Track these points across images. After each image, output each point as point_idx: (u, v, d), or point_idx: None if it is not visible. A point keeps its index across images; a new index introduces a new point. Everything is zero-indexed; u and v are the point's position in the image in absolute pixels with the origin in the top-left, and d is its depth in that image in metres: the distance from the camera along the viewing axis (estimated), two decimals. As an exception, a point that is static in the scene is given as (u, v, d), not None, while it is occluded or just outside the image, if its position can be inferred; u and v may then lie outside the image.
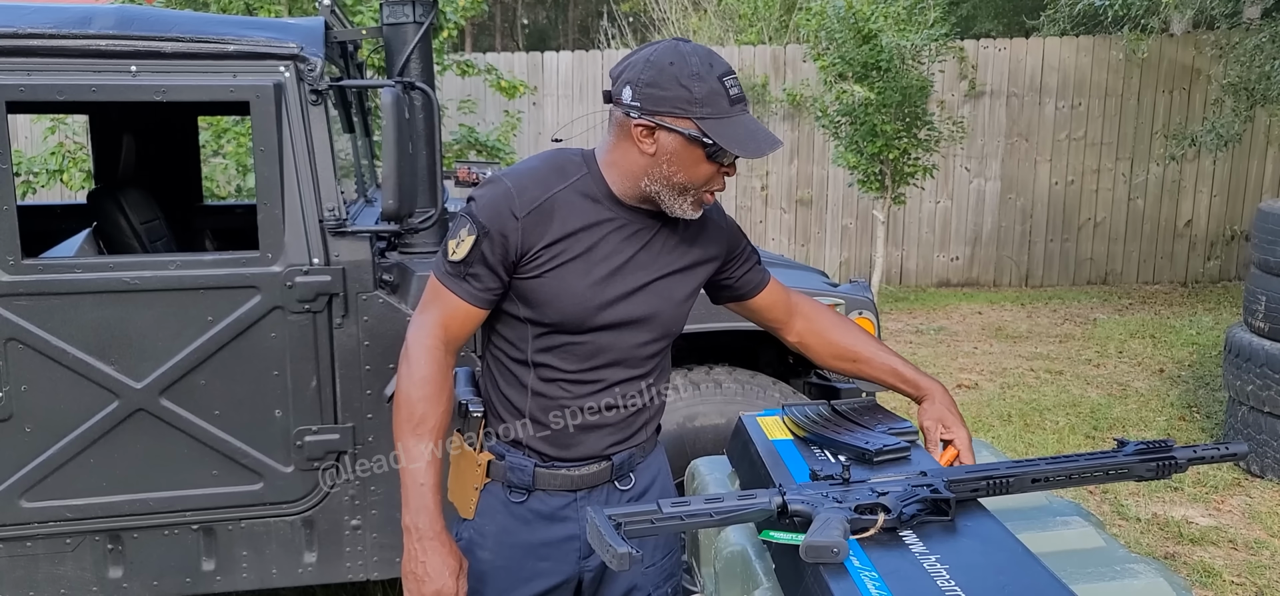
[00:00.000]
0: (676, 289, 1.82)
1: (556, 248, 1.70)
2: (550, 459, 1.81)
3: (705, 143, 1.64)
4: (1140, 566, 1.54)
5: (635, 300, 1.76)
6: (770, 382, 3.20)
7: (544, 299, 1.72)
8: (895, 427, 1.90)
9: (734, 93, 1.65)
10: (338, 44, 3.28)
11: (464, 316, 1.76)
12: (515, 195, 1.69)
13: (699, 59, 1.64)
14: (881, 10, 7.50)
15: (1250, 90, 7.96)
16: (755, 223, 9.76)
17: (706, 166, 1.67)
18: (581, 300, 1.72)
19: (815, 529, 1.43)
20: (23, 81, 2.59)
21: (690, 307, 1.87)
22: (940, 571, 1.37)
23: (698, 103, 1.62)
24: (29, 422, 2.68)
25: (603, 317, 1.74)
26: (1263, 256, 4.58)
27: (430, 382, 1.72)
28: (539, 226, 1.69)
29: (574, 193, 1.73)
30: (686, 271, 1.83)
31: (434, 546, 1.69)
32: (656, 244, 1.79)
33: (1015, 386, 6.27)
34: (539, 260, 1.70)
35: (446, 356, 1.79)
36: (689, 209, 1.72)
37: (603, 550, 1.38)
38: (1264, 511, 4.27)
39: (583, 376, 1.78)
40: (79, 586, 2.80)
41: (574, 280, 1.71)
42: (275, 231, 2.75)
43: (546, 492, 1.81)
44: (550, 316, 1.73)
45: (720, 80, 1.64)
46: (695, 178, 1.68)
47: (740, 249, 1.95)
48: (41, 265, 2.68)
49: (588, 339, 1.75)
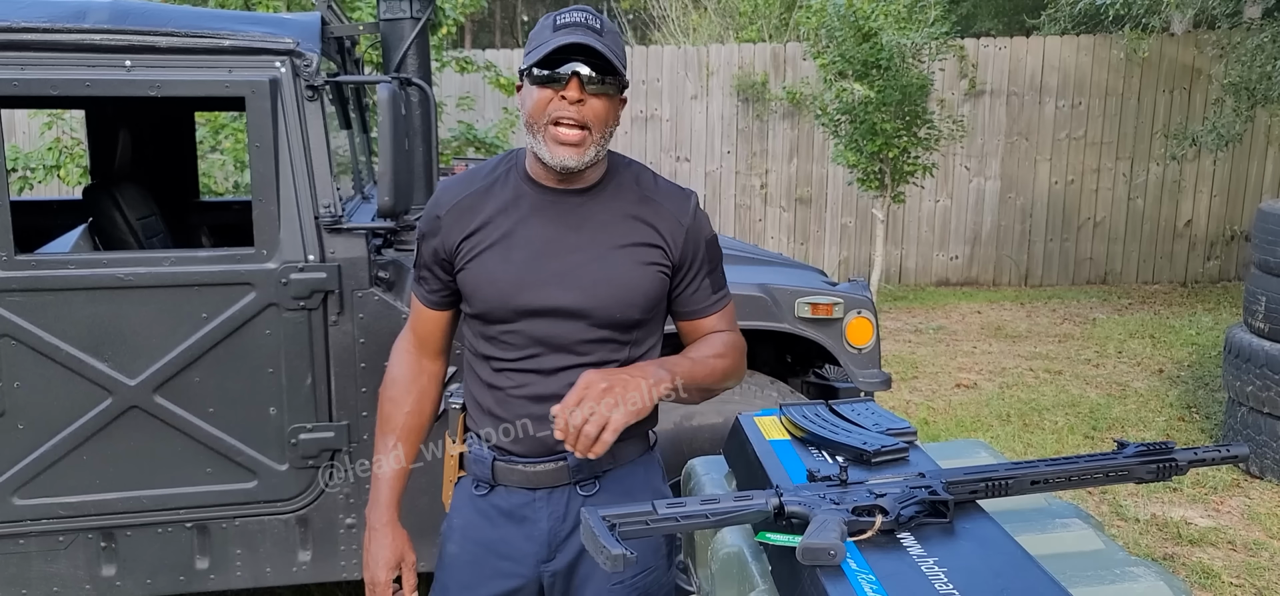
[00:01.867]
0: (617, 272, 1.72)
1: (476, 237, 1.75)
2: (507, 453, 1.79)
3: (522, 71, 1.67)
4: (1140, 569, 1.52)
5: (563, 285, 1.71)
6: (768, 382, 3.18)
7: (471, 289, 1.76)
8: (893, 428, 1.88)
9: (562, 22, 1.65)
10: (334, 39, 3.27)
11: (426, 319, 1.86)
12: (442, 196, 1.80)
13: (553, 15, 1.69)
14: (882, 8, 7.48)
15: (1251, 90, 7.94)
16: (755, 221, 9.75)
17: (537, 94, 1.65)
18: (500, 285, 1.72)
19: (812, 530, 1.41)
20: (16, 76, 2.58)
21: (647, 292, 1.74)
22: (938, 574, 1.36)
23: (527, 48, 1.68)
24: (22, 419, 2.67)
25: (526, 301, 1.71)
26: (1263, 257, 4.57)
27: (397, 384, 1.88)
28: (460, 221, 1.76)
29: (498, 183, 1.78)
30: (626, 252, 1.73)
31: (375, 536, 1.84)
32: (586, 222, 1.73)
33: (1014, 386, 6.26)
34: (462, 253, 1.76)
35: (420, 358, 1.90)
36: (546, 147, 1.66)
37: (596, 551, 1.36)
38: (1263, 512, 4.25)
39: (525, 365, 1.75)
40: (72, 584, 2.78)
41: (493, 267, 1.73)
42: (270, 228, 2.73)
43: (507, 488, 1.80)
44: (477, 306, 1.76)
45: (553, 17, 1.66)
46: (533, 110, 1.66)
47: (699, 262, 1.81)
48: (35, 261, 2.66)
49: (518, 327, 1.74)
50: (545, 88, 1.64)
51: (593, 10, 1.69)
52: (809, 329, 3.21)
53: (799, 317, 3.19)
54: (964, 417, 5.61)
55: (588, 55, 1.63)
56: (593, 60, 1.64)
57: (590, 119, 1.65)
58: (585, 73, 1.63)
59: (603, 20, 1.68)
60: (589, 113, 1.65)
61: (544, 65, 1.63)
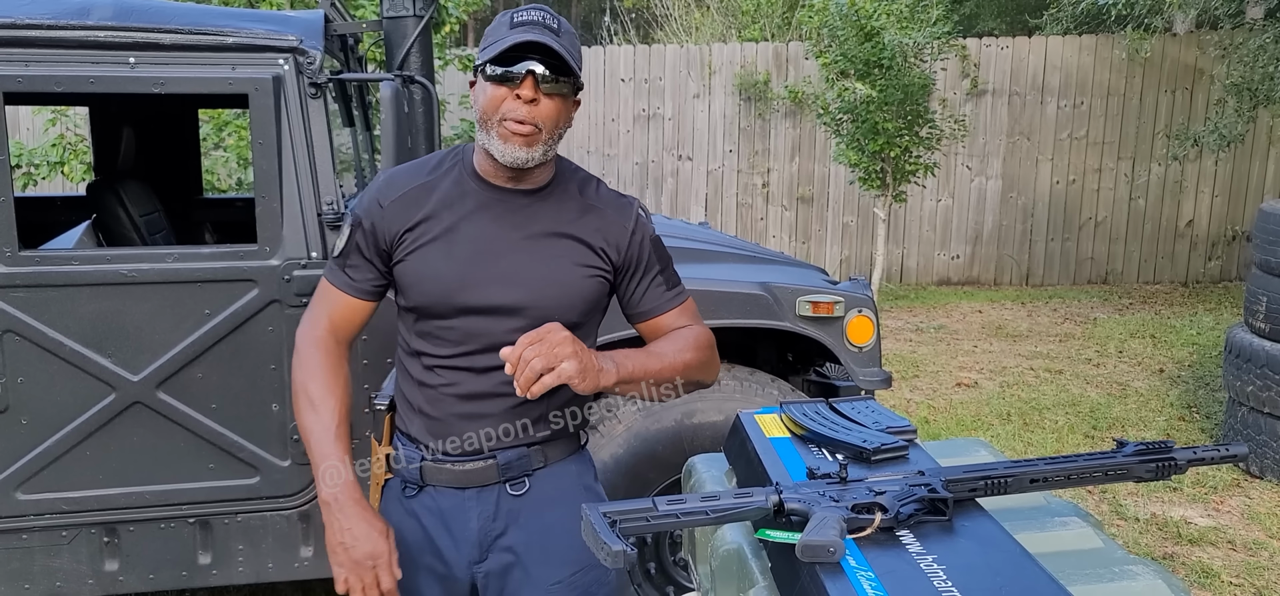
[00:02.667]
0: (556, 273, 1.73)
1: (418, 230, 1.73)
2: (436, 453, 1.78)
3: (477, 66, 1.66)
4: (1138, 567, 1.53)
5: (503, 283, 1.71)
6: (769, 379, 3.19)
7: (408, 282, 1.74)
8: (893, 426, 1.89)
9: (518, 20, 1.64)
10: (338, 37, 3.27)
11: (344, 308, 1.82)
12: (385, 186, 1.78)
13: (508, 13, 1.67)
14: (884, 8, 7.49)
15: (1253, 90, 7.95)
16: (756, 219, 9.76)
17: (491, 91, 1.64)
18: (441, 280, 1.71)
19: (811, 528, 1.42)
20: (21, 72, 2.59)
21: (586, 296, 1.76)
22: (937, 571, 1.36)
23: (486, 44, 1.67)
24: (25, 414, 2.68)
25: (465, 298, 1.71)
26: (1264, 257, 4.57)
27: (322, 369, 1.77)
28: (403, 212, 1.74)
29: (443, 178, 1.77)
30: (568, 255, 1.74)
31: (356, 512, 1.70)
32: (529, 222, 1.74)
33: (1015, 385, 6.26)
34: (403, 244, 1.74)
35: (336, 348, 1.82)
36: (497, 143, 1.66)
37: (596, 547, 1.37)
38: (1263, 512, 4.26)
39: (458, 362, 1.74)
40: (75, 579, 2.80)
41: (435, 261, 1.72)
42: (273, 225, 2.74)
43: (436, 488, 1.80)
44: (414, 300, 1.74)
45: (509, 15, 1.65)
46: (487, 107, 1.66)
47: (645, 265, 1.82)
48: (39, 257, 2.68)
49: (455, 323, 1.73)
50: (500, 85, 1.64)
51: (550, 10, 1.68)
52: (810, 327, 3.22)
53: (800, 316, 3.20)
54: (964, 416, 5.62)
55: (544, 54, 1.63)
56: (548, 59, 1.63)
57: (542, 119, 1.66)
58: (540, 71, 1.63)
59: (560, 20, 1.68)
60: (542, 113, 1.65)
61: (499, 62, 1.63)
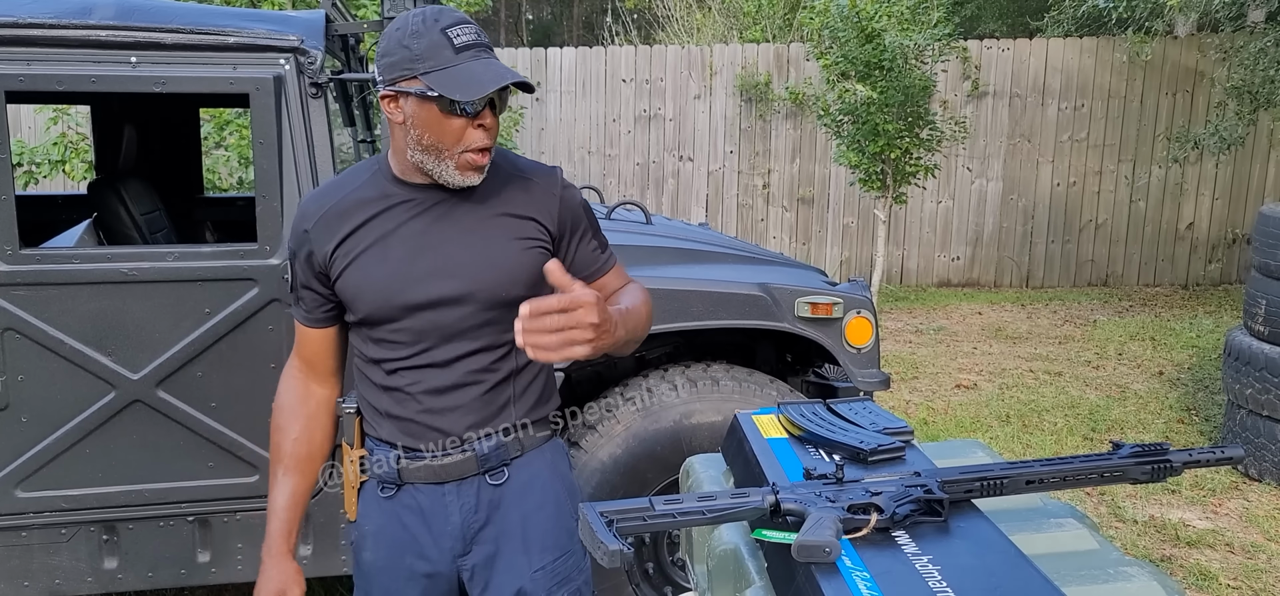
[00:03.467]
0: (496, 253, 1.74)
1: (348, 244, 1.73)
2: (412, 451, 1.79)
3: (431, 96, 1.60)
4: (1134, 569, 1.53)
5: (446, 275, 1.72)
6: (767, 380, 3.20)
7: (351, 295, 1.74)
8: (890, 427, 1.89)
9: (461, 40, 1.61)
10: (339, 37, 3.28)
11: (308, 339, 1.86)
12: (306, 210, 1.78)
13: (422, 18, 1.62)
14: (885, 9, 7.49)
15: (1254, 93, 7.95)
16: (757, 220, 9.76)
17: (450, 121, 1.62)
18: (382, 287, 1.72)
19: (807, 528, 1.42)
20: (22, 71, 2.59)
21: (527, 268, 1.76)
22: (932, 572, 1.37)
23: (419, 58, 1.60)
24: (25, 412, 2.68)
25: (409, 297, 1.72)
26: (1263, 260, 4.58)
27: (282, 411, 1.87)
28: (327, 230, 1.74)
29: (363, 189, 1.76)
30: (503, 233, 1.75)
31: (266, 566, 1.85)
32: (460, 214, 1.74)
33: (1014, 387, 6.26)
34: (336, 261, 1.74)
35: (308, 383, 1.89)
36: (454, 173, 1.66)
37: (593, 546, 1.37)
38: (1261, 515, 4.26)
39: (418, 360, 1.75)
40: (74, 576, 2.80)
41: (372, 269, 1.72)
42: (273, 224, 2.75)
43: (415, 486, 1.80)
44: (361, 311, 1.75)
45: (443, 32, 1.60)
46: (443, 137, 1.63)
47: (579, 228, 1.85)
48: (39, 255, 2.68)
49: (404, 323, 1.74)
50: (459, 117, 1.62)
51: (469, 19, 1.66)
52: (808, 328, 3.22)
53: (799, 317, 3.20)
54: (963, 418, 5.62)
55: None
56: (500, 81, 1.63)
57: (494, 136, 1.69)
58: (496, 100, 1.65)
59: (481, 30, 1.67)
60: (494, 130, 1.68)
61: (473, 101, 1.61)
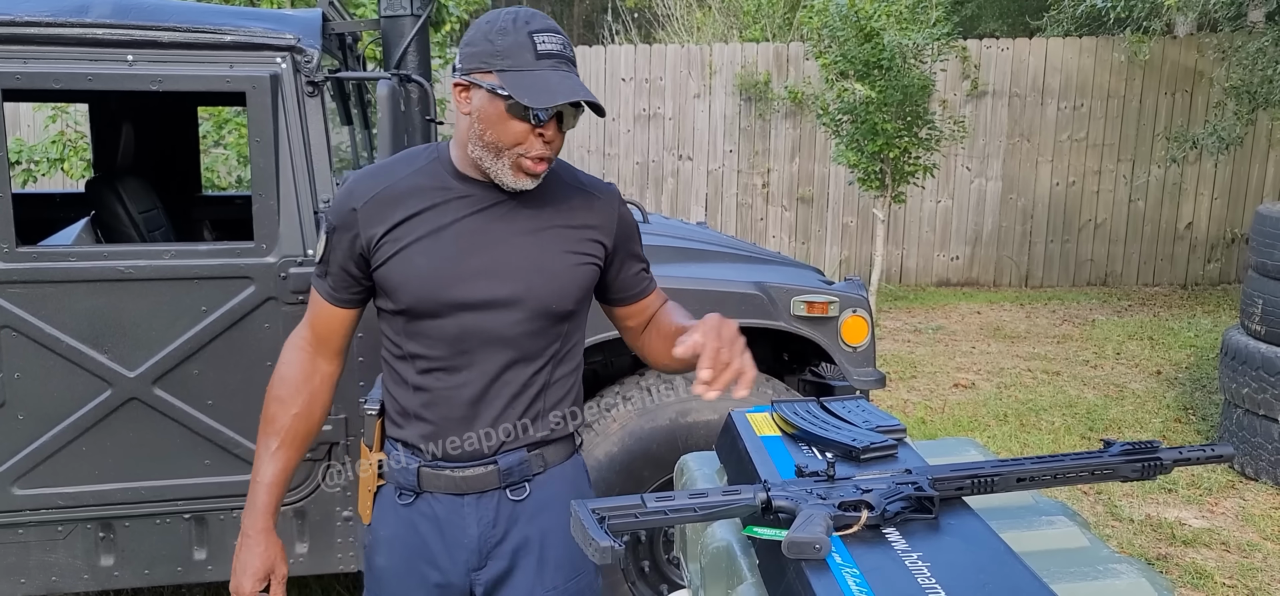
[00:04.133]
0: (549, 263, 1.72)
1: (398, 231, 1.68)
2: (435, 459, 1.75)
3: (501, 94, 1.57)
4: (1123, 566, 1.54)
5: (498, 277, 1.69)
6: (763, 379, 3.20)
7: (396, 284, 1.69)
8: (883, 425, 1.90)
9: (544, 47, 1.59)
10: (336, 36, 3.29)
11: (327, 317, 1.79)
12: (355, 189, 1.71)
13: (512, 17, 1.61)
14: (884, 9, 7.49)
15: (1252, 93, 7.96)
16: (756, 220, 9.77)
17: (514, 124, 1.59)
18: (429, 279, 1.67)
19: (798, 525, 1.43)
20: (20, 69, 2.60)
21: (580, 282, 1.75)
22: (921, 568, 1.37)
23: (499, 54, 1.59)
24: (22, 410, 2.69)
25: (457, 294, 1.68)
26: (1260, 259, 4.58)
27: (286, 383, 1.79)
28: (379, 214, 1.69)
29: (419, 176, 1.71)
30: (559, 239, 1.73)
31: (247, 543, 1.76)
32: (518, 217, 1.71)
33: (1012, 386, 6.27)
34: (384, 247, 1.68)
35: (314, 359, 1.81)
36: (508, 174, 1.64)
37: (584, 543, 1.38)
38: (1257, 514, 4.27)
39: (456, 362, 1.71)
40: (70, 574, 2.81)
41: (420, 260, 1.67)
42: (270, 222, 2.75)
43: (433, 495, 1.76)
44: (404, 301, 1.69)
45: (530, 35, 1.59)
46: (504, 136, 1.61)
47: (631, 247, 1.84)
48: (36, 253, 2.69)
49: (449, 320, 1.69)
50: (523, 122, 1.60)
51: (561, 31, 1.64)
52: (804, 327, 3.23)
53: (794, 316, 3.21)
54: (961, 417, 5.63)
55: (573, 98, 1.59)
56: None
57: (556, 152, 1.66)
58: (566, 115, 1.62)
59: (568, 41, 1.65)
60: (556, 147, 1.65)
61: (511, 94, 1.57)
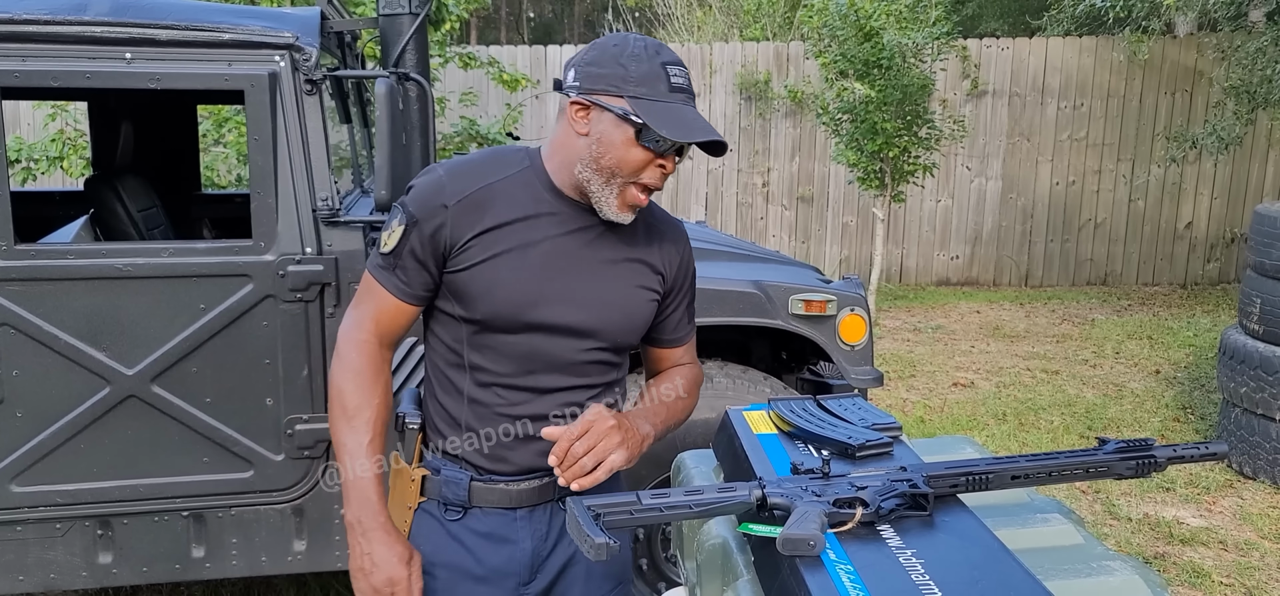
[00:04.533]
0: (624, 297, 1.72)
1: (488, 238, 1.63)
2: (487, 472, 1.72)
3: (634, 121, 1.56)
4: (1117, 563, 1.54)
5: (575, 303, 1.67)
6: (761, 377, 3.21)
7: (475, 292, 1.64)
8: (879, 423, 1.90)
9: (676, 81, 1.59)
10: (335, 34, 3.29)
11: (394, 312, 1.70)
12: (447, 184, 1.64)
13: (644, 45, 1.60)
14: (883, 8, 7.49)
15: (1252, 93, 7.95)
16: (756, 219, 9.77)
17: (637, 152, 1.58)
18: (513, 294, 1.64)
19: (793, 522, 1.43)
20: (17, 67, 2.60)
21: (646, 318, 1.77)
22: (915, 565, 1.38)
23: (633, 81, 1.57)
24: (20, 407, 2.69)
25: (536, 315, 1.65)
26: (1258, 259, 4.58)
27: (362, 374, 1.68)
28: (470, 216, 1.63)
29: (513, 184, 1.67)
30: (633, 273, 1.73)
31: (379, 537, 1.66)
32: (600, 246, 1.70)
33: (1011, 385, 6.27)
34: (470, 251, 1.63)
35: (380, 351, 1.72)
36: (615, 204, 1.63)
37: (580, 540, 1.38)
38: (1255, 513, 4.27)
39: (519, 381, 1.69)
40: (69, 571, 2.81)
41: (506, 273, 1.63)
42: (268, 220, 2.76)
43: (483, 510, 1.73)
44: (481, 311, 1.65)
45: (663, 66, 1.58)
46: (625, 163, 1.59)
47: (686, 292, 1.85)
48: (35, 250, 2.69)
49: (521, 338, 1.67)
50: (647, 151, 1.59)
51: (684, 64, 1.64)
52: (802, 326, 3.23)
53: (792, 314, 3.21)
54: (960, 416, 5.63)
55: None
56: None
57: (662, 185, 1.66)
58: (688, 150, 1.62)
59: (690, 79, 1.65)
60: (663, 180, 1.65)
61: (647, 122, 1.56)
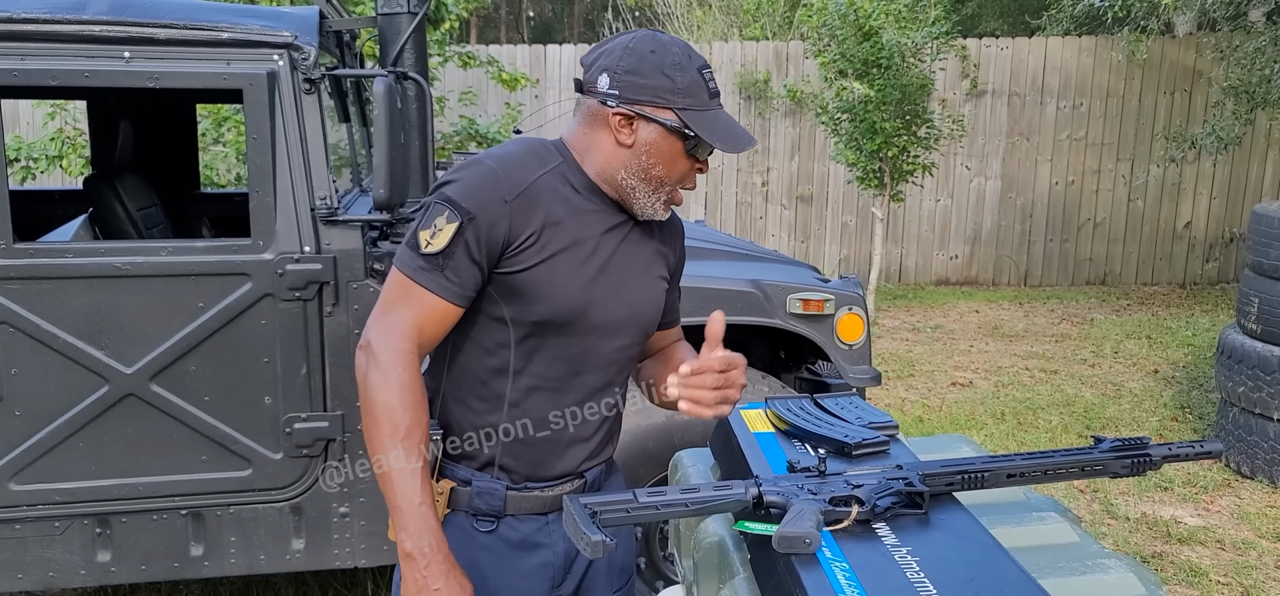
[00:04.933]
0: (654, 291, 1.75)
1: (545, 237, 1.58)
2: (524, 479, 1.69)
3: (686, 135, 1.57)
4: (1111, 561, 1.55)
5: (619, 300, 1.68)
6: (759, 376, 3.21)
7: (535, 294, 1.58)
8: (875, 422, 1.90)
9: (712, 86, 1.61)
10: (333, 33, 3.29)
11: (441, 316, 1.59)
12: (501, 177, 1.56)
13: (680, 49, 1.59)
14: (882, 7, 7.49)
15: (1251, 93, 7.96)
16: (755, 218, 9.77)
17: (684, 161, 1.61)
18: (574, 294, 1.61)
19: (788, 520, 1.43)
20: (16, 66, 2.60)
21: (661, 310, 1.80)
22: (910, 563, 1.38)
23: (680, 92, 1.57)
24: (19, 406, 2.70)
25: (594, 315, 1.64)
26: (1256, 258, 4.59)
27: (410, 390, 1.55)
28: (526, 212, 1.56)
29: (556, 179, 1.62)
30: (658, 269, 1.76)
31: (441, 567, 1.53)
32: (632, 242, 1.71)
33: (1010, 385, 6.28)
34: (528, 250, 1.57)
35: (419, 361, 1.61)
36: (660, 207, 1.66)
37: (578, 538, 1.39)
38: (1253, 512, 4.27)
39: (564, 383, 1.67)
40: (67, 569, 2.82)
41: (565, 273, 1.60)
42: (267, 219, 2.76)
43: (516, 518, 1.70)
44: (539, 313, 1.60)
45: (699, 73, 1.59)
46: (672, 172, 1.62)
47: (681, 270, 1.88)
48: (34, 249, 2.69)
49: (576, 340, 1.65)
50: (691, 159, 1.62)
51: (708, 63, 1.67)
52: (800, 325, 3.24)
53: (790, 313, 3.22)
54: (959, 416, 5.64)
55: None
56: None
57: None
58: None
59: None
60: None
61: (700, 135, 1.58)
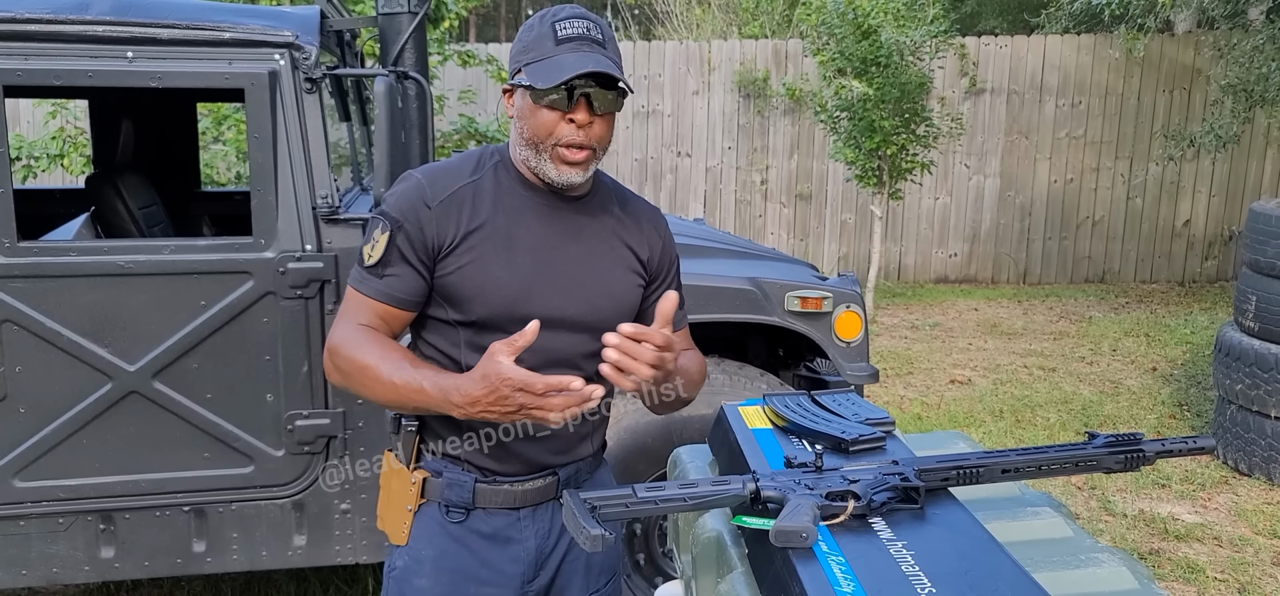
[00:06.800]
0: (610, 282, 1.73)
1: (473, 238, 1.64)
2: (492, 473, 1.72)
3: (524, 85, 1.59)
4: (1104, 555, 1.56)
5: (566, 294, 1.68)
6: (758, 374, 3.23)
7: (467, 293, 1.64)
8: (872, 418, 1.92)
9: (565, 33, 1.58)
10: (334, 33, 3.31)
11: (385, 317, 1.66)
12: (426, 186, 1.65)
13: (542, 14, 1.61)
14: (881, 6, 7.51)
15: (1249, 91, 7.97)
16: (754, 216, 9.78)
17: (543, 114, 1.59)
18: (506, 291, 1.64)
19: (785, 514, 1.45)
20: (20, 66, 2.62)
21: (634, 302, 1.77)
22: (906, 556, 1.40)
23: (527, 50, 1.60)
24: (23, 403, 2.71)
25: (530, 310, 1.62)
26: (1253, 256, 4.61)
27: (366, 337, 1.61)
28: (451, 216, 1.63)
29: (487, 181, 1.68)
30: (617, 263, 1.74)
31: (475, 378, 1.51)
32: (583, 233, 1.71)
33: (1008, 382, 6.29)
34: (456, 252, 1.63)
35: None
36: (551, 168, 1.62)
37: (576, 532, 1.40)
38: (1250, 509, 4.29)
39: None
40: (71, 565, 2.84)
41: (497, 269, 1.64)
42: (268, 218, 2.78)
43: (487, 511, 1.72)
44: (475, 313, 1.64)
45: (552, 25, 1.59)
46: (538, 129, 1.60)
47: (669, 272, 1.85)
48: (37, 248, 2.71)
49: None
50: (551, 109, 1.58)
51: (589, 14, 1.63)
52: (798, 322, 3.25)
53: (788, 311, 3.23)
54: (957, 413, 5.65)
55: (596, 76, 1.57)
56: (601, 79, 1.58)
57: (597, 139, 1.63)
58: (594, 96, 1.59)
59: (603, 27, 1.63)
60: (595, 133, 1.62)
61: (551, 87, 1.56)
